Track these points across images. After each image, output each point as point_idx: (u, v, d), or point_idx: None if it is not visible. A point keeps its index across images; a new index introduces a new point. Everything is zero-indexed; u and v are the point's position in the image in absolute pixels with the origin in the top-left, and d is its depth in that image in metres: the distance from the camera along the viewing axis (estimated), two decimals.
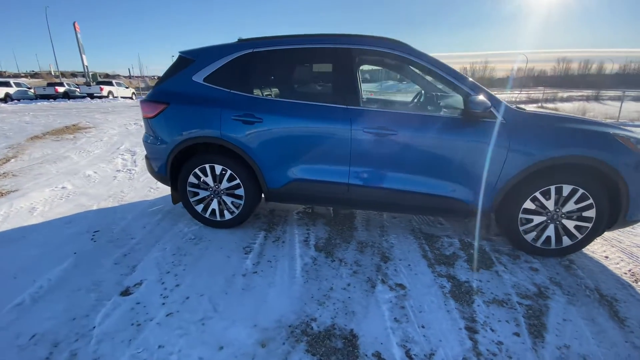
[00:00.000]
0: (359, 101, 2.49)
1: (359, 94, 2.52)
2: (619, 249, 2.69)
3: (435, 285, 2.14)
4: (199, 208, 2.83)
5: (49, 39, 33.47)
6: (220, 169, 2.67)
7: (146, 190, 3.86)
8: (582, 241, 2.40)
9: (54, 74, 49.83)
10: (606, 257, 2.56)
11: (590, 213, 2.31)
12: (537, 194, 2.34)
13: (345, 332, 1.73)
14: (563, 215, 2.38)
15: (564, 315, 1.90)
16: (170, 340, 1.65)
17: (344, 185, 2.56)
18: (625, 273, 2.35)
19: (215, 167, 2.68)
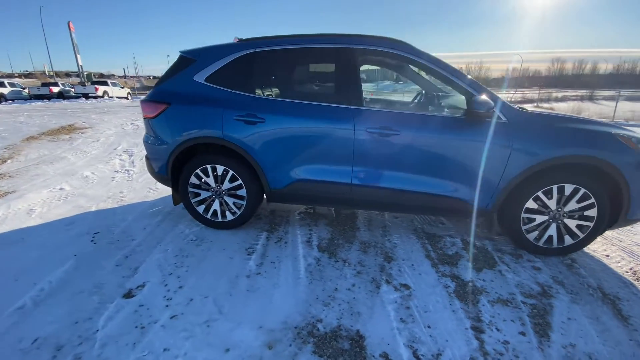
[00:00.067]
0: (361, 101, 2.48)
1: (361, 93, 2.51)
2: (619, 247, 2.71)
3: (440, 285, 2.14)
4: (201, 209, 2.81)
5: (43, 38, 33.06)
6: (222, 169, 2.65)
7: (145, 191, 3.83)
8: (584, 240, 2.42)
9: (48, 73, 49.38)
10: (607, 256, 2.58)
11: (591, 212, 2.32)
12: (540, 193, 2.36)
13: (352, 333, 1.73)
14: (565, 215, 2.39)
15: (569, 314, 1.91)
16: (175, 343, 1.64)
17: (347, 185, 2.55)
18: (627, 271, 2.37)
19: (217, 168, 2.66)
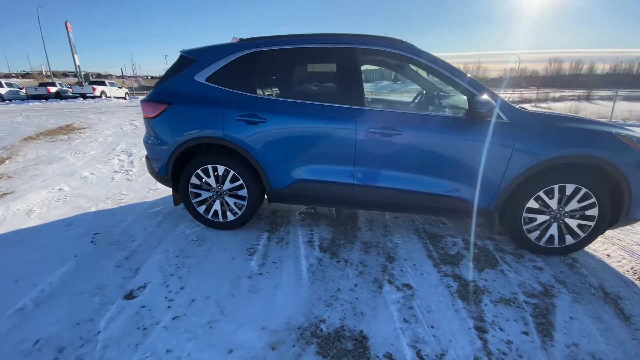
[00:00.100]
0: (363, 101, 2.48)
1: (363, 93, 2.51)
2: (619, 247, 2.72)
3: (442, 285, 2.14)
4: (201, 209, 2.80)
5: (40, 38, 32.93)
6: (223, 169, 2.64)
7: (145, 192, 3.81)
8: (585, 240, 2.42)
9: (46, 73, 49.13)
10: (608, 255, 2.59)
11: (592, 212, 2.33)
12: (541, 193, 2.36)
13: (355, 334, 1.72)
14: (566, 214, 2.39)
15: (571, 313, 1.91)
16: (178, 345, 1.63)
17: (349, 185, 2.55)
18: (628, 271, 2.38)
19: (217, 168, 2.65)
